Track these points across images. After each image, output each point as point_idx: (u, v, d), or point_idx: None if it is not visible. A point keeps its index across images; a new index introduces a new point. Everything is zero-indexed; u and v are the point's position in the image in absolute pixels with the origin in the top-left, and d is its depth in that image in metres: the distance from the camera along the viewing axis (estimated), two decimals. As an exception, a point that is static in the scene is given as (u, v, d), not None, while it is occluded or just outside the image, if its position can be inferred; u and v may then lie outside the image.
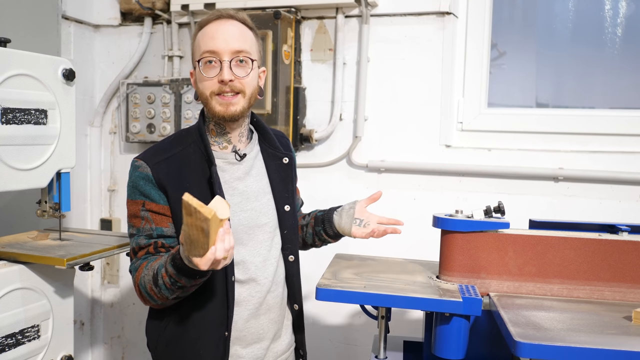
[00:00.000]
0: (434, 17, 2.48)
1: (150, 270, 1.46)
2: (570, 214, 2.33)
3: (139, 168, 1.52)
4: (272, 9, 2.50)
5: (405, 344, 1.84)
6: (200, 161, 1.54)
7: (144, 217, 1.52)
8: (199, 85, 1.54)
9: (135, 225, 1.54)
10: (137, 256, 1.54)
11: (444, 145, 2.51)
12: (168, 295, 1.43)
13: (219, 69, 1.49)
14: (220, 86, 1.50)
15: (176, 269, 1.36)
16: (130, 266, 1.56)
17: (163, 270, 1.40)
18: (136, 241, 1.53)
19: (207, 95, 1.52)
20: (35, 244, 1.98)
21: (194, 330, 1.53)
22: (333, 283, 1.55)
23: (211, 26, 1.52)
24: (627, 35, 2.42)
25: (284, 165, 1.68)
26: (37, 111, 1.88)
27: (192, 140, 1.57)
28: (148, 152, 1.57)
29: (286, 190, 1.66)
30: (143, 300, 1.51)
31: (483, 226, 1.62)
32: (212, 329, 1.53)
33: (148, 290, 1.46)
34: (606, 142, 2.36)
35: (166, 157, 1.54)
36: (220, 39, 1.50)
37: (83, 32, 2.90)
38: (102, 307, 3.11)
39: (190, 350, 1.53)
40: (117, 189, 3.03)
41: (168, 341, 1.56)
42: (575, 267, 1.59)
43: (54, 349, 1.95)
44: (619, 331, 1.32)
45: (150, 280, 1.45)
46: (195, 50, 1.55)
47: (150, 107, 2.80)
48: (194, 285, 1.42)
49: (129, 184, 1.55)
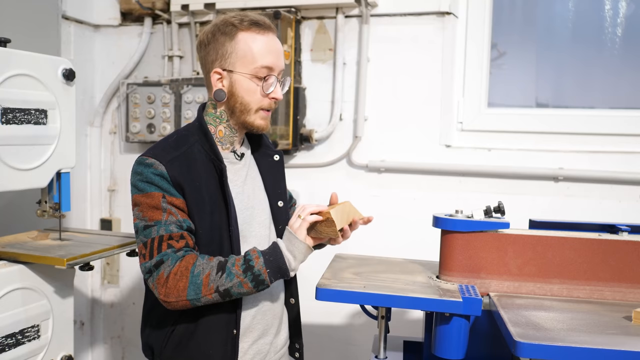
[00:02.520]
0: (434, 17, 2.48)
1: (212, 263, 1.44)
2: (570, 214, 2.33)
3: (152, 165, 1.47)
4: (272, 9, 2.50)
5: (405, 344, 1.84)
6: (205, 160, 1.53)
7: (167, 210, 1.45)
8: (245, 96, 1.54)
9: (154, 217, 1.45)
10: (170, 242, 1.44)
11: (444, 145, 2.51)
12: (230, 289, 1.42)
13: (272, 86, 1.54)
14: (270, 102, 1.56)
15: (270, 267, 1.44)
16: (162, 256, 1.44)
17: (241, 268, 1.43)
18: (166, 229, 1.44)
19: (252, 108, 1.55)
20: (36, 244, 1.98)
21: (203, 331, 1.53)
22: (333, 283, 1.55)
23: (265, 38, 1.53)
24: (627, 36, 2.42)
25: (275, 162, 1.71)
26: (37, 111, 1.88)
27: (195, 140, 1.56)
28: (156, 150, 1.52)
29: (278, 186, 1.70)
30: (170, 292, 1.42)
31: (483, 226, 1.62)
32: (221, 329, 1.53)
33: (200, 280, 1.41)
34: (606, 142, 2.36)
35: (176, 156, 1.51)
36: (275, 55, 1.55)
37: (83, 32, 2.90)
38: (102, 307, 3.11)
39: (200, 351, 1.53)
40: (117, 189, 3.03)
41: (176, 344, 1.54)
42: (575, 267, 1.59)
43: (54, 349, 1.95)
44: (619, 331, 1.32)
45: (212, 268, 1.42)
46: (246, 57, 1.52)
47: (150, 107, 2.80)
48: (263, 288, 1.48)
49: (139, 179, 1.48)
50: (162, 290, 1.43)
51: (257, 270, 1.44)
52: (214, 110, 1.59)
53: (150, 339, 1.60)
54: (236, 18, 1.53)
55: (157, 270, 1.44)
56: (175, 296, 1.43)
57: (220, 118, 1.58)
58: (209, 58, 1.56)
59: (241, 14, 1.55)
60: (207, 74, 1.58)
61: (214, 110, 1.59)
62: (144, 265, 1.46)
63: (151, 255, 1.45)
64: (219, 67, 1.54)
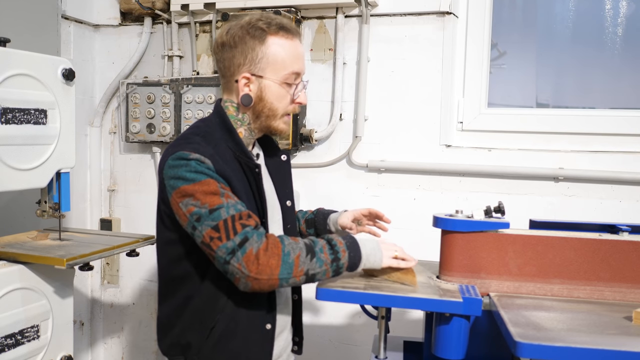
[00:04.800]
0: (434, 17, 2.48)
1: (300, 244, 1.44)
2: (571, 214, 2.33)
3: (198, 160, 1.43)
4: (272, 8, 2.50)
5: (405, 344, 1.84)
6: (232, 160, 1.52)
7: (224, 194, 1.42)
8: (274, 102, 1.55)
9: (215, 202, 1.40)
10: (242, 221, 1.40)
11: (444, 145, 2.50)
12: (317, 270, 1.42)
13: (300, 92, 1.58)
14: (295, 107, 1.60)
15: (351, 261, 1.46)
16: (245, 234, 1.39)
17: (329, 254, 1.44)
18: (234, 208, 1.41)
19: (279, 113, 1.57)
20: (35, 244, 1.98)
21: (243, 327, 1.54)
22: (333, 283, 1.55)
23: (293, 43, 1.55)
24: (627, 35, 2.41)
25: (283, 162, 1.73)
26: (37, 111, 1.87)
27: (219, 137, 1.53)
28: (194, 145, 1.47)
29: (286, 186, 1.72)
30: (263, 269, 1.38)
31: (483, 226, 1.61)
32: (259, 324, 1.56)
33: (291, 259, 1.40)
34: (606, 142, 2.36)
35: (213, 152, 1.48)
36: (302, 60, 1.58)
37: (83, 31, 2.90)
38: (102, 307, 3.11)
39: (239, 348, 1.54)
40: (117, 188, 3.03)
41: (216, 342, 1.53)
42: (576, 267, 1.59)
43: (53, 349, 1.95)
44: (619, 331, 1.32)
45: (301, 250, 1.42)
46: (277, 63, 1.52)
47: (150, 107, 2.79)
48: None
49: (187, 170, 1.43)
50: (254, 268, 1.37)
51: (341, 264, 1.45)
52: (235, 113, 1.58)
53: (184, 337, 1.56)
54: (263, 21, 1.52)
55: (242, 248, 1.37)
56: (267, 274, 1.37)
57: (242, 121, 1.58)
58: (235, 61, 1.53)
59: (266, 17, 1.54)
60: (231, 77, 1.56)
61: (236, 112, 1.58)
62: (225, 247, 1.38)
63: (228, 236, 1.38)
64: (248, 71, 1.53)
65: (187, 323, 1.56)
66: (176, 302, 1.58)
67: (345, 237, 1.50)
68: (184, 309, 1.56)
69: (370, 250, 1.51)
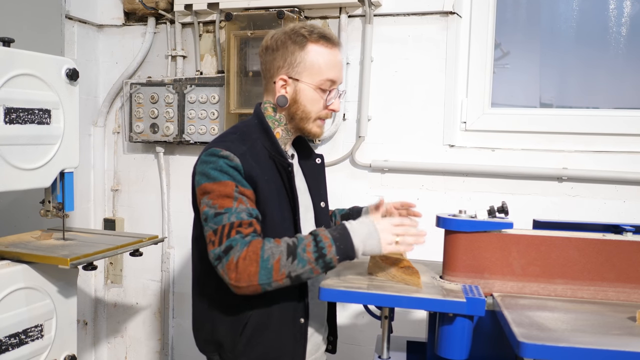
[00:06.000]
0: (437, 17, 2.48)
1: (281, 247, 1.44)
2: (574, 214, 2.32)
3: (228, 157, 1.50)
4: (275, 8, 2.50)
5: (408, 344, 1.84)
6: (266, 159, 1.59)
7: (237, 199, 1.48)
8: (308, 105, 1.62)
9: (225, 205, 1.46)
10: (239, 229, 1.44)
11: (447, 145, 2.50)
12: (298, 272, 1.42)
13: (333, 99, 1.64)
14: (328, 113, 1.66)
15: (340, 254, 1.45)
16: (231, 241, 1.44)
17: (311, 249, 1.44)
18: (237, 216, 1.45)
19: (312, 117, 1.64)
20: (39, 244, 1.98)
21: (275, 323, 1.58)
22: (336, 283, 1.54)
23: (332, 52, 1.62)
24: (631, 35, 2.41)
25: (317, 165, 1.79)
26: (41, 111, 1.88)
27: (256, 137, 1.61)
28: (227, 143, 1.54)
29: (320, 187, 1.78)
30: (241, 277, 1.41)
31: (486, 226, 1.61)
32: (292, 319, 1.60)
33: (270, 264, 1.41)
34: (610, 142, 2.35)
35: (245, 150, 1.54)
36: (339, 69, 1.65)
37: (87, 31, 2.91)
38: (106, 307, 3.11)
39: (273, 343, 1.58)
40: (121, 188, 3.04)
41: (249, 338, 1.58)
42: (579, 267, 1.59)
43: (57, 348, 1.95)
44: (623, 332, 1.32)
45: (281, 253, 1.43)
46: (314, 68, 1.60)
47: (153, 107, 2.80)
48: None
49: (212, 167, 1.50)
50: (233, 276, 1.42)
51: (328, 259, 1.45)
52: (273, 113, 1.66)
53: (217, 335, 1.62)
54: (306, 29, 1.61)
55: (226, 256, 1.43)
56: (246, 281, 1.42)
57: (279, 121, 1.66)
58: (275, 64, 1.62)
59: (309, 26, 1.63)
60: (270, 79, 1.65)
61: (274, 113, 1.66)
62: (213, 252, 1.45)
63: (220, 242, 1.44)
64: (285, 74, 1.61)
65: (219, 320, 1.61)
66: (207, 298, 1.64)
67: (336, 227, 1.49)
68: (215, 305, 1.62)
69: (366, 235, 1.47)
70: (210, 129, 2.71)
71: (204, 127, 2.72)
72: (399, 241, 1.49)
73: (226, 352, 1.61)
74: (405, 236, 1.50)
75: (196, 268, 1.69)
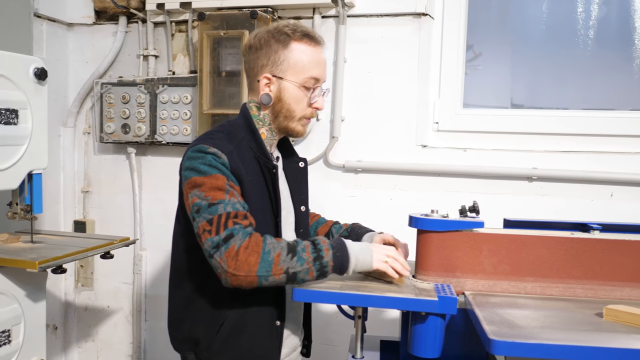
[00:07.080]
0: (410, 18, 2.49)
1: (282, 244, 1.45)
2: (544, 213, 2.36)
3: (215, 154, 1.50)
4: (248, 8, 2.49)
5: (382, 344, 1.85)
6: (251, 160, 1.58)
7: (229, 192, 1.47)
8: (292, 103, 1.61)
9: (217, 197, 1.45)
10: (235, 220, 1.44)
11: (420, 146, 2.52)
12: (297, 269, 1.43)
13: (317, 97, 1.65)
14: (312, 112, 1.66)
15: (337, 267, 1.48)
16: (232, 230, 1.42)
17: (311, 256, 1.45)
18: (232, 206, 1.45)
19: (296, 115, 1.63)
20: (6, 247, 1.94)
21: (252, 323, 1.58)
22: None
23: (316, 50, 1.63)
24: (599, 38, 2.46)
25: (300, 168, 1.78)
26: (8, 111, 1.84)
27: (242, 137, 1.60)
28: (214, 141, 1.53)
29: (302, 192, 1.77)
30: (240, 265, 1.40)
31: (458, 225, 1.63)
32: (268, 320, 1.60)
33: (271, 257, 1.41)
34: (579, 142, 2.40)
35: (232, 149, 1.54)
36: (323, 67, 1.66)
37: (56, 30, 2.85)
38: (76, 311, 3.06)
39: (248, 344, 1.58)
40: (91, 190, 2.99)
41: (225, 338, 1.58)
42: (549, 265, 1.61)
43: (25, 354, 1.91)
44: (591, 327, 1.34)
45: (282, 249, 1.44)
46: (297, 67, 1.59)
47: (125, 107, 2.76)
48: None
49: (201, 162, 1.49)
50: (232, 264, 1.40)
51: (325, 262, 1.45)
52: (257, 113, 1.65)
53: (193, 332, 1.61)
54: (289, 28, 1.61)
55: (226, 244, 1.41)
56: (245, 270, 1.41)
57: (263, 121, 1.65)
58: (259, 62, 1.62)
59: (293, 24, 1.63)
60: (254, 77, 1.64)
61: (258, 112, 1.65)
62: (211, 240, 1.43)
63: (218, 230, 1.43)
64: (269, 72, 1.61)
65: (196, 318, 1.61)
66: (184, 295, 1.63)
67: (333, 239, 1.53)
68: (192, 303, 1.61)
69: (360, 250, 1.51)
70: (182, 130, 2.69)
71: (176, 127, 2.70)
72: (388, 261, 1.54)
73: (202, 350, 1.60)
74: (395, 261, 1.55)
75: (175, 263, 1.67)
